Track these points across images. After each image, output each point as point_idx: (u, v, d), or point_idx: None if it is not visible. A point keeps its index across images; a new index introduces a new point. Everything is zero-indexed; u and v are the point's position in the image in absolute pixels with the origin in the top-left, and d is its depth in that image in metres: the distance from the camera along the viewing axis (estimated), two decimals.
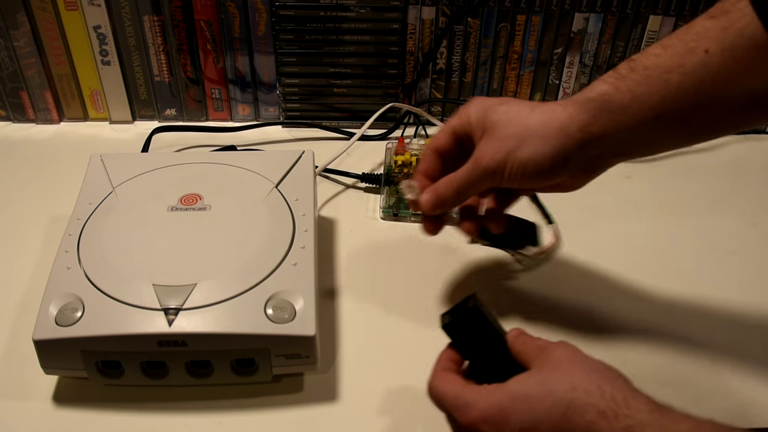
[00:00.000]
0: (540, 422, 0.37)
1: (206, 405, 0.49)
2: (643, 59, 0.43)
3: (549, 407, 0.37)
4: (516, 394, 0.38)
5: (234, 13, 0.74)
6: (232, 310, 0.47)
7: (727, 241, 0.66)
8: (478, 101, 0.48)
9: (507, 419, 0.38)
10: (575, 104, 0.45)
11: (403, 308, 0.58)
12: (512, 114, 0.46)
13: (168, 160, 0.62)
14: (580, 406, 0.36)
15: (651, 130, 0.44)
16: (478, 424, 0.39)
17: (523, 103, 0.47)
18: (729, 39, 0.40)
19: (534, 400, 0.37)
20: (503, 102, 0.47)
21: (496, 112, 0.46)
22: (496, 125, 0.46)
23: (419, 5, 0.75)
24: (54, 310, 0.47)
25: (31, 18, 0.73)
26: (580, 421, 0.36)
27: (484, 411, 0.39)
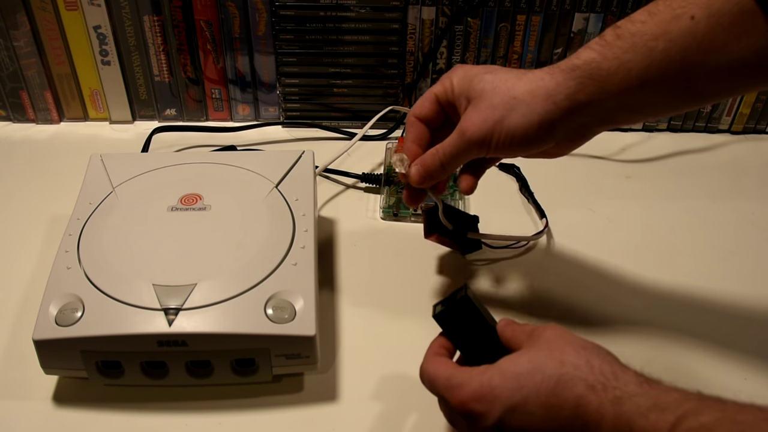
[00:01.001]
0: (529, 399, 0.37)
1: (206, 405, 0.49)
2: (629, 26, 0.43)
3: (538, 384, 0.37)
4: (506, 372, 0.39)
5: (234, 13, 0.74)
6: (232, 310, 0.47)
7: (727, 241, 0.66)
8: (462, 69, 0.48)
9: (497, 397, 0.38)
10: (562, 72, 0.44)
11: (403, 308, 0.58)
12: (498, 83, 0.45)
13: (168, 160, 0.62)
14: (569, 381, 0.36)
15: (637, 98, 0.43)
16: (468, 403, 0.39)
17: (509, 71, 0.46)
18: (716, 5, 0.39)
19: (523, 377, 0.38)
20: (489, 70, 0.46)
21: (481, 81, 0.46)
22: (481, 94, 0.45)
23: (419, 5, 0.75)
24: (54, 310, 0.47)
25: (31, 18, 0.73)
26: (569, 395, 0.36)
27: (474, 390, 0.39)
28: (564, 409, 0.36)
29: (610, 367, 0.37)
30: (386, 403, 0.50)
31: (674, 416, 0.31)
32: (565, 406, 0.36)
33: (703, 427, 0.30)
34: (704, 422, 0.30)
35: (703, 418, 0.30)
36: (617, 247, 0.65)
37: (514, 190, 0.72)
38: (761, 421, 0.29)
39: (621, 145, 0.80)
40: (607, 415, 0.34)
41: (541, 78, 0.44)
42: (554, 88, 0.44)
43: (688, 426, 0.30)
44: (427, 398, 0.50)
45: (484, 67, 0.47)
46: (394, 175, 0.70)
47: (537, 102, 0.44)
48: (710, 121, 0.83)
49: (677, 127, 0.83)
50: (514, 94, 0.44)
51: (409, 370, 0.52)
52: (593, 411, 0.35)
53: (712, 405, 0.31)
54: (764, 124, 0.83)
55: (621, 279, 0.61)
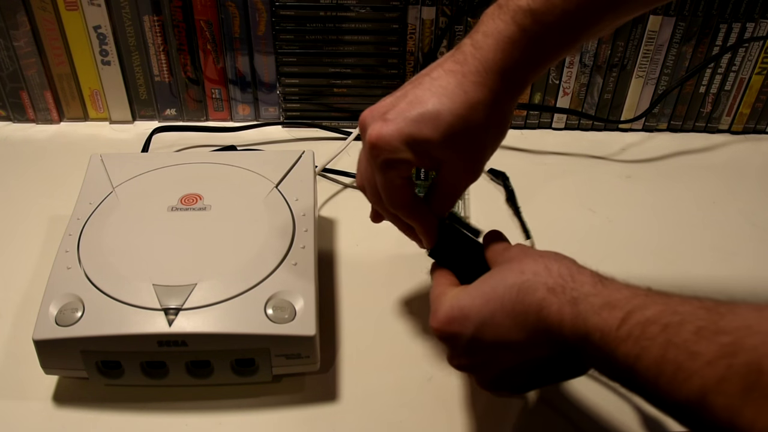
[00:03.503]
0: (496, 311, 0.39)
1: (206, 405, 0.49)
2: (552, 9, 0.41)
3: (501, 295, 0.39)
4: (472, 291, 0.41)
5: (234, 13, 0.74)
6: (232, 310, 0.47)
7: (727, 241, 0.66)
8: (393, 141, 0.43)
9: (466, 316, 0.41)
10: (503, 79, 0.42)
11: (403, 308, 0.58)
12: (462, 129, 0.43)
13: (168, 160, 0.62)
14: (530, 287, 0.38)
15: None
16: (442, 327, 0.42)
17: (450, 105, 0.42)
18: None
19: (488, 293, 0.40)
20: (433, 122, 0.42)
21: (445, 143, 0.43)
22: (457, 153, 0.44)
23: (419, 5, 0.75)
24: (54, 310, 0.47)
25: (31, 18, 0.73)
26: (531, 299, 0.38)
27: (445, 313, 0.42)
28: (529, 314, 0.38)
29: (568, 270, 0.39)
30: (386, 403, 0.50)
31: (623, 312, 0.34)
32: (530, 311, 0.38)
33: (648, 320, 0.32)
34: (649, 316, 0.33)
35: (648, 312, 0.33)
36: (617, 247, 0.65)
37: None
38: (699, 309, 0.32)
39: (621, 145, 0.80)
40: (566, 316, 0.36)
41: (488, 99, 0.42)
42: (506, 99, 0.43)
43: (635, 320, 0.33)
44: (426, 398, 0.50)
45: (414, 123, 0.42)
46: None
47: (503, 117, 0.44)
48: (710, 121, 0.83)
49: (677, 127, 0.83)
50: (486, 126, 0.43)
51: (409, 370, 0.52)
52: (555, 313, 0.37)
53: (657, 299, 0.34)
54: (764, 124, 0.83)
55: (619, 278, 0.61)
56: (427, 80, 0.44)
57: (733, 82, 0.79)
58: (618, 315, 0.34)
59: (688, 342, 0.31)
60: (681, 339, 0.31)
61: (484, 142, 0.45)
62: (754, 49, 0.76)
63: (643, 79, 0.79)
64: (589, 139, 0.82)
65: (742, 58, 0.77)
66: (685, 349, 0.30)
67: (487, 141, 0.45)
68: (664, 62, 0.77)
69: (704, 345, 0.30)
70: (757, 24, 0.74)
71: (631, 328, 0.33)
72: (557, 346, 0.38)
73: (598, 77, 0.80)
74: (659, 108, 0.81)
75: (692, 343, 0.30)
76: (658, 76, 0.78)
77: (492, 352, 0.41)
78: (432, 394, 0.50)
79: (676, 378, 0.30)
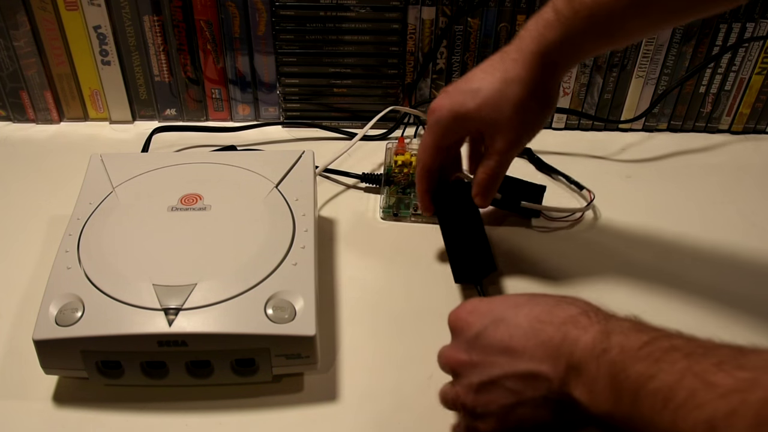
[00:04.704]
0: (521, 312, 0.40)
1: (206, 405, 0.49)
2: None
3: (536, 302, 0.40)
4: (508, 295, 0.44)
5: (234, 13, 0.74)
6: (232, 310, 0.47)
7: (727, 241, 0.66)
8: (446, 109, 0.52)
9: (492, 310, 0.42)
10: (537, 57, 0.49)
11: (403, 308, 0.58)
12: (496, 101, 0.50)
13: (168, 160, 0.62)
14: (568, 304, 0.39)
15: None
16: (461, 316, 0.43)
17: (491, 81, 0.50)
18: None
19: (523, 298, 0.42)
20: (473, 95, 0.51)
21: (479, 110, 0.51)
22: (492, 120, 0.51)
23: (419, 5, 0.75)
24: (54, 310, 0.47)
25: (31, 18, 0.73)
26: (561, 313, 0.39)
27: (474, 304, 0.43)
28: (551, 325, 0.38)
29: (605, 309, 0.39)
30: (386, 403, 0.50)
31: (649, 336, 0.34)
32: (554, 322, 0.38)
33: (672, 347, 0.32)
34: (674, 344, 0.33)
35: (674, 341, 0.33)
36: (617, 247, 0.65)
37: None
38: (724, 347, 0.32)
39: (621, 145, 0.80)
40: (590, 332, 0.36)
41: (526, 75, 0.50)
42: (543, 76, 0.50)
43: (659, 345, 0.33)
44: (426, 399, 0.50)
45: (465, 94, 0.51)
46: (395, 175, 0.70)
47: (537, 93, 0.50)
48: (710, 121, 0.83)
49: (677, 127, 0.83)
50: (517, 100, 0.50)
51: (409, 370, 0.52)
52: (581, 327, 0.37)
53: (685, 335, 0.34)
54: (764, 124, 0.83)
55: (621, 279, 0.61)
56: (484, 62, 0.52)
57: (733, 82, 0.79)
58: (643, 338, 0.34)
59: (707, 372, 0.30)
60: (700, 368, 0.30)
61: (522, 116, 0.50)
62: (754, 49, 0.76)
63: (643, 79, 0.79)
64: (589, 139, 0.82)
65: (742, 58, 0.77)
66: (702, 378, 0.30)
67: (526, 115, 0.51)
68: (664, 62, 0.77)
69: (722, 377, 0.30)
70: (757, 24, 0.74)
71: (653, 350, 0.33)
72: (555, 368, 0.37)
73: (598, 77, 0.80)
74: (659, 108, 0.81)
75: (710, 374, 0.30)
76: (658, 76, 0.78)
77: (491, 353, 0.40)
78: (432, 394, 0.50)
79: (686, 405, 0.30)
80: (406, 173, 0.70)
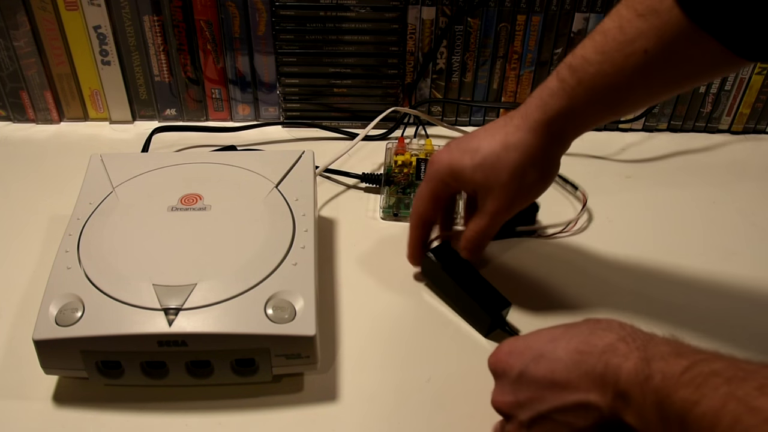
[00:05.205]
0: (559, 346, 0.40)
1: (206, 405, 0.49)
2: (587, 68, 0.47)
3: (572, 334, 0.41)
4: (542, 331, 0.43)
5: (234, 13, 0.74)
6: (232, 310, 0.47)
7: (727, 241, 0.66)
8: (444, 164, 0.53)
9: (529, 347, 0.42)
10: (541, 126, 0.50)
11: (403, 308, 0.58)
12: (493, 162, 0.50)
13: (168, 160, 0.62)
14: (603, 331, 0.39)
15: (608, 119, 0.51)
16: (500, 359, 0.43)
17: (490, 142, 0.51)
18: (666, 38, 0.43)
19: (558, 332, 0.42)
20: (473, 154, 0.51)
21: (476, 170, 0.51)
22: (486, 180, 0.51)
23: (419, 5, 0.75)
24: (54, 310, 0.47)
25: (31, 18, 0.73)
26: (599, 342, 0.39)
27: (510, 344, 0.44)
28: (591, 355, 0.38)
29: (639, 329, 0.39)
30: (386, 403, 0.50)
31: (689, 361, 0.34)
32: (594, 351, 0.38)
33: (712, 371, 0.33)
34: (714, 368, 0.33)
35: (714, 365, 0.33)
36: (616, 247, 0.65)
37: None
38: (764, 368, 0.32)
39: (621, 145, 0.80)
40: (631, 360, 0.36)
41: (527, 140, 0.50)
42: (544, 144, 0.50)
43: (699, 370, 0.33)
44: (426, 398, 0.50)
45: (464, 151, 0.52)
46: (395, 175, 0.70)
47: (537, 161, 0.50)
48: (710, 121, 0.83)
49: (677, 127, 0.83)
50: (515, 165, 0.50)
51: (409, 370, 0.52)
52: (620, 355, 0.37)
53: (724, 357, 0.34)
54: (764, 124, 0.83)
55: (620, 279, 0.61)
56: (490, 123, 0.53)
57: (733, 82, 0.79)
58: (684, 363, 0.34)
59: (750, 396, 0.31)
60: (743, 392, 0.31)
61: (518, 182, 0.50)
62: None
63: None
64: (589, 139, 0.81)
65: None
66: (746, 403, 0.30)
67: (522, 182, 0.50)
68: None
69: (764, 401, 0.30)
70: None
71: (694, 375, 0.33)
72: (603, 397, 0.37)
73: None
74: (659, 108, 0.81)
75: (753, 398, 0.30)
76: None
77: (537, 389, 0.40)
78: (431, 395, 0.51)
79: (732, 430, 0.30)
80: (406, 173, 0.70)
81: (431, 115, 0.82)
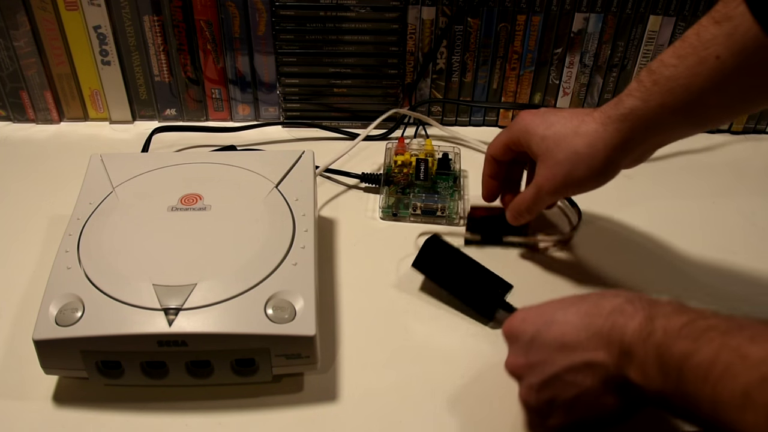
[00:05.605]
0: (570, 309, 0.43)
1: (206, 405, 0.49)
2: (663, 70, 0.48)
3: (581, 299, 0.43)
4: (554, 300, 0.45)
5: (234, 13, 0.74)
6: (232, 310, 0.47)
7: (727, 241, 0.66)
8: (524, 123, 0.56)
9: (540, 314, 0.44)
10: (613, 121, 0.51)
11: (403, 308, 0.58)
12: (559, 140, 0.53)
13: (168, 160, 0.62)
14: (612, 296, 0.42)
15: (684, 130, 0.51)
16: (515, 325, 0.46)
17: (565, 123, 0.53)
18: (737, 43, 0.44)
19: (568, 299, 0.44)
20: (547, 125, 0.54)
21: (544, 140, 0.54)
22: (547, 153, 0.54)
23: (419, 5, 0.75)
24: (54, 310, 0.47)
25: (31, 18, 0.73)
26: (607, 304, 0.41)
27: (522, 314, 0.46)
28: (599, 317, 0.41)
29: (647, 295, 0.41)
30: (386, 403, 0.50)
31: (688, 317, 0.36)
32: (601, 313, 0.41)
33: (709, 326, 0.35)
34: (712, 323, 0.35)
35: (712, 321, 0.35)
36: (616, 248, 0.65)
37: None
38: (759, 323, 0.34)
39: None
40: (636, 318, 0.39)
41: (595, 130, 0.52)
42: (609, 139, 0.51)
43: (697, 325, 0.35)
44: (425, 398, 0.50)
45: (543, 121, 0.55)
46: (394, 175, 0.70)
47: (598, 153, 0.51)
48: None
49: None
50: (575, 150, 0.52)
51: (409, 370, 0.52)
52: (627, 315, 0.39)
53: (724, 315, 0.36)
54: (764, 124, 0.83)
55: (620, 279, 0.61)
56: (577, 109, 0.56)
57: None
58: (683, 319, 0.36)
59: (742, 346, 0.33)
60: (735, 343, 0.33)
61: (570, 166, 0.52)
62: None
63: None
64: None
65: None
66: (737, 351, 0.33)
67: (574, 169, 0.52)
68: None
69: (755, 349, 0.32)
70: None
71: (692, 329, 0.35)
72: (609, 355, 0.39)
73: (598, 77, 0.80)
74: None
75: (744, 348, 0.32)
76: None
77: (548, 352, 0.43)
78: (431, 395, 0.51)
79: (723, 377, 0.32)
80: (405, 173, 0.70)
81: (431, 116, 0.82)
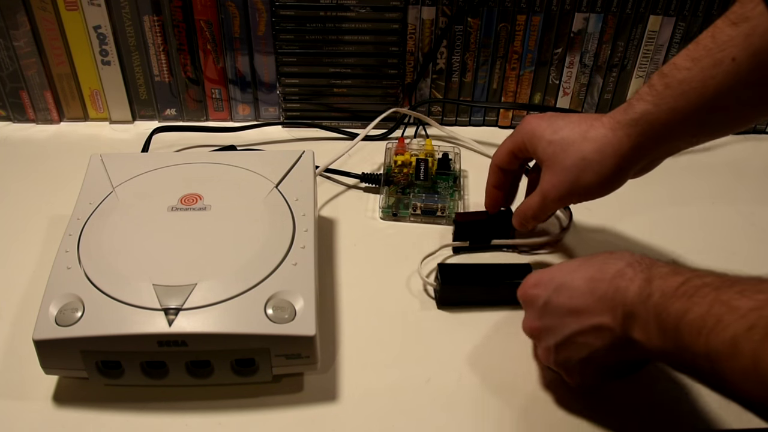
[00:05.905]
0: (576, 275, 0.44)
1: (206, 405, 0.49)
2: (675, 74, 0.47)
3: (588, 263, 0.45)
4: (563, 263, 0.47)
5: (234, 13, 0.74)
6: (232, 310, 0.47)
7: (727, 241, 0.66)
8: (530, 127, 0.55)
9: (552, 279, 0.46)
10: (623, 127, 0.50)
11: (403, 308, 0.58)
12: (566, 145, 0.52)
13: (168, 160, 0.62)
14: (615, 259, 0.43)
15: (694, 137, 0.51)
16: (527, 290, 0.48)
17: (573, 128, 0.52)
18: (754, 45, 0.44)
19: (576, 263, 0.46)
20: (554, 130, 0.53)
21: (550, 145, 0.53)
22: (553, 158, 0.53)
23: (419, 5, 0.75)
24: (54, 310, 0.47)
25: (31, 18, 0.73)
26: (610, 268, 0.43)
27: (536, 277, 0.48)
28: (603, 281, 0.42)
29: (647, 257, 0.43)
30: (386, 403, 0.50)
31: (684, 278, 0.38)
32: (605, 278, 0.42)
33: (703, 284, 0.37)
34: (706, 281, 0.37)
35: (706, 279, 0.37)
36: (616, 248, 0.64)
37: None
38: (750, 279, 0.36)
39: None
40: (636, 282, 0.40)
41: (604, 135, 0.51)
42: (618, 144, 0.50)
43: (692, 284, 0.37)
44: (425, 399, 0.50)
45: (550, 125, 0.54)
46: (394, 175, 0.70)
47: (606, 159, 0.51)
48: None
49: None
50: (583, 155, 0.51)
51: (409, 370, 0.52)
52: (627, 279, 0.41)
53: (717, 273, 0.38)
54: (764, 124, 0.83)
55: None
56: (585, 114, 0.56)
57: None
58: (679, 279, 0.38)
59: (732, 299, 0.34)
60: (726, 297, 0.35)
61: (577, 172, 0.52)
62: None
63: (643, 79, 0.79)
64: None
65: None
66: (727, 305, 0.34)
67: (581, 175, 0.52)
68: (664, 62, 0.77)
69: (743, 301, 0.34)
70: None
71: (687, 288, 0.37)
72: (614, 319, 0.41)
73: (598, 77, 0.80)
74: None
75: (734, 300, 0.34)
76: None
77: (559, 316, 0.45)
78: (431, 395, 0.51)
79: (715, 329, 0.34)
80: (405, 173, 0.70)
81: (431, 116, 0.82)
